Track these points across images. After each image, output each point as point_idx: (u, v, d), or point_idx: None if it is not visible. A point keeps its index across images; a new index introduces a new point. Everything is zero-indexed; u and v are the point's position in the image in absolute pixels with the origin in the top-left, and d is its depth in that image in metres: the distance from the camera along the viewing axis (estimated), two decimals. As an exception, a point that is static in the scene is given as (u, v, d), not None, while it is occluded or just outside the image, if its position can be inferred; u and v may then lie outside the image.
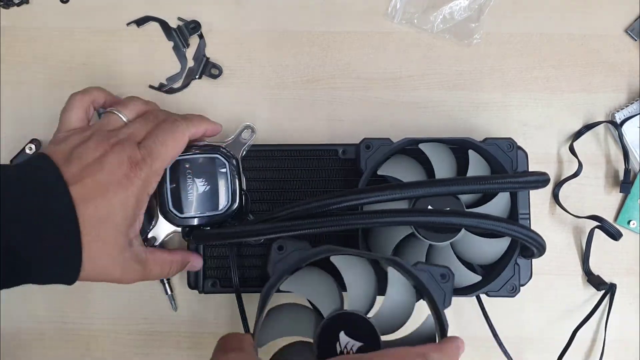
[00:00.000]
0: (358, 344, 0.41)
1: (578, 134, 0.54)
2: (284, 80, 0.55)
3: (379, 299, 0.44)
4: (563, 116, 0.55)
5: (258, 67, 0.55)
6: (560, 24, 0.55)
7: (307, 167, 0.51)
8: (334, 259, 0.44)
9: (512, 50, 0.55)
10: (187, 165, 0.46)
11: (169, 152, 0.43)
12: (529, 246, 0.44)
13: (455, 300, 0.53)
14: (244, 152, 0.49)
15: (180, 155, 0.45)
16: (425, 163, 0.49)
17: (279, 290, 0.44)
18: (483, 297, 0.50)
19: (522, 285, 0.49)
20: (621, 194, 0.54)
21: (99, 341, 0.53)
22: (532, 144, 0.54)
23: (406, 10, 0.55)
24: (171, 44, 0.55)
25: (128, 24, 0.55)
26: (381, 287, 0.44)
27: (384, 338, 0.42)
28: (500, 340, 0.50)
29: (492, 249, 0.49)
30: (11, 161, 0.54)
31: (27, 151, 0.53)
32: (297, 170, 0.51)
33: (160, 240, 0.48)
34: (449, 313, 0.53)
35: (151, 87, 0.55)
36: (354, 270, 0.44)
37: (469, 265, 0.49)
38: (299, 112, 0.55)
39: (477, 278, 0.49)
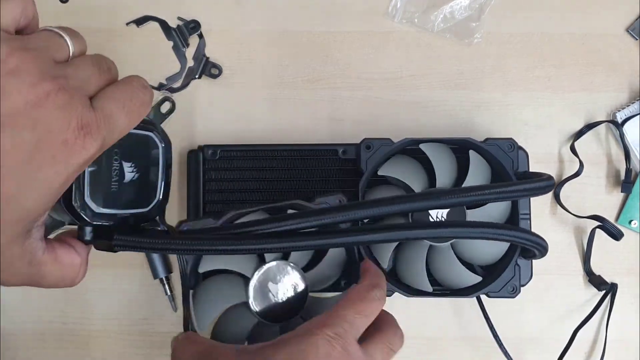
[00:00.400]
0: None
1: (579, 134, 0.54)
2: (284, 80, 0.55)
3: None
4: (564, 116, 0.55)
5: (258, 67, 0.55)
6: (561, 24, 0.55)
7: (306, 167, 0.51)
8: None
9: (513, 50, 0.55)
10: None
11: (129, 125, 0.31)
12: (532, 250, 0.43)
13: (456, 300, 0.53)
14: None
15: None
16: (426, 163, 0.49)
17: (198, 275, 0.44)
18: (483, 297, 0.50)
19: (523, 285, 0.49)
20: (622, 194, 0.54)
21: (99, 341, 0.53)
22: (533, 144, 0.54)
23: (406, 9, 0.55)
24: (171, 43, 0.55)
25: (127, 24, 0.55)
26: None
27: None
28: (500, 340, 0.50)
29: (492, 249, 0.49)
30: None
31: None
32: (297, 170, 0.51)
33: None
34: (448, 313, 0.53)
35: (150, 86, 0.54)
36: None
37: (470, 266, 0.49)
38: (299, 112, 0.55)
39: (478, 279, 0.49)
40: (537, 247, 0.42)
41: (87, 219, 0.33)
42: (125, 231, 0.34)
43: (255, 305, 0.43)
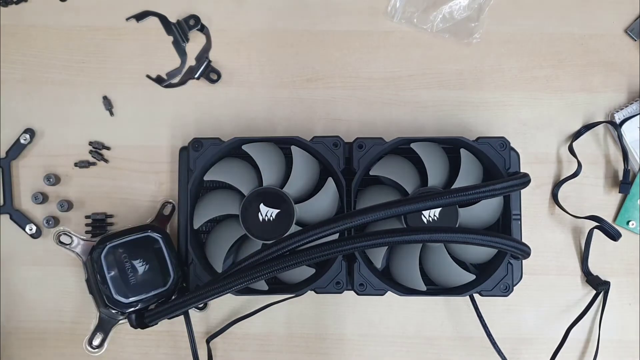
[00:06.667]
0: (276, 211, 0.48)
1: (577, 134, 0.54)
2: (284, 80, 0.55)
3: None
4: (563, 116, 0.55)
5: (258, 67, 0.55)
6: (560, 24, 0.55)
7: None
8: (247, 147, 0.50)
9: (512, 50, 0.55)
10: (120, 251, 0.48)
11: None
12: (516, 255, 0.45)
13: (453, 300, 0.53)
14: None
15: (110, 243, 0.48)
16: (418, 163, 0.49)
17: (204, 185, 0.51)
18: (480, 297, 0.50)
19: (515, 284, 0.49)
20: (620, 194, 0.54)
21: (98, 340, 0.53)
22: (531, 144, 0.54)
23: (406, 9, 0.55)
24: (171, 38, 0.55)
25: (127, 19, 0.55)
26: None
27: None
28: (493, 339, 0.50)
29: (484, 248, 0.49)
30: (7, 153, 0.54)
31: (22, 142, 0.53)
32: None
33: (108, 339, 0.51)
34: (446, 313, 0.54)
35: (148, 76, 0.54)
36: (266, 155, 0.50)
37: (463, 265, 0.49)
38: (298, 111, 0.55)
39: (471, 277, 0.49)
40: (519, 253, 0.44)
41: (122, 309, 0.48)
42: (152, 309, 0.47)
43: (243, 220, 0.48)
